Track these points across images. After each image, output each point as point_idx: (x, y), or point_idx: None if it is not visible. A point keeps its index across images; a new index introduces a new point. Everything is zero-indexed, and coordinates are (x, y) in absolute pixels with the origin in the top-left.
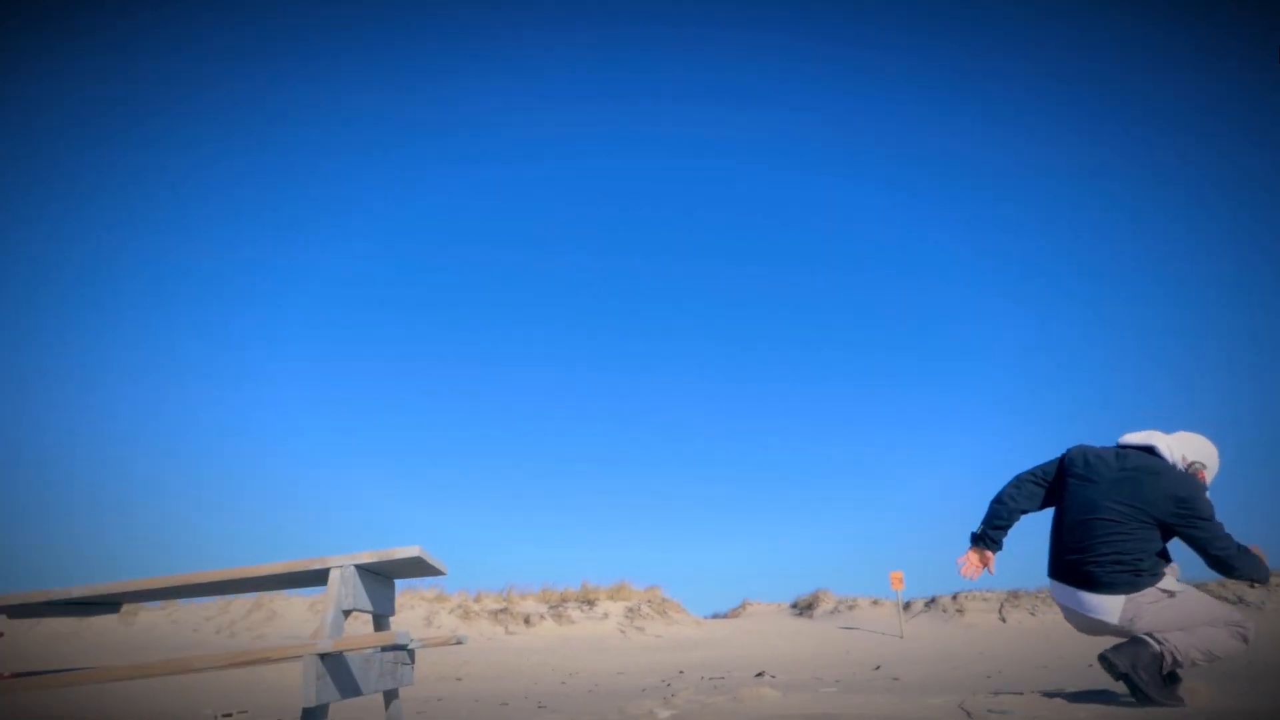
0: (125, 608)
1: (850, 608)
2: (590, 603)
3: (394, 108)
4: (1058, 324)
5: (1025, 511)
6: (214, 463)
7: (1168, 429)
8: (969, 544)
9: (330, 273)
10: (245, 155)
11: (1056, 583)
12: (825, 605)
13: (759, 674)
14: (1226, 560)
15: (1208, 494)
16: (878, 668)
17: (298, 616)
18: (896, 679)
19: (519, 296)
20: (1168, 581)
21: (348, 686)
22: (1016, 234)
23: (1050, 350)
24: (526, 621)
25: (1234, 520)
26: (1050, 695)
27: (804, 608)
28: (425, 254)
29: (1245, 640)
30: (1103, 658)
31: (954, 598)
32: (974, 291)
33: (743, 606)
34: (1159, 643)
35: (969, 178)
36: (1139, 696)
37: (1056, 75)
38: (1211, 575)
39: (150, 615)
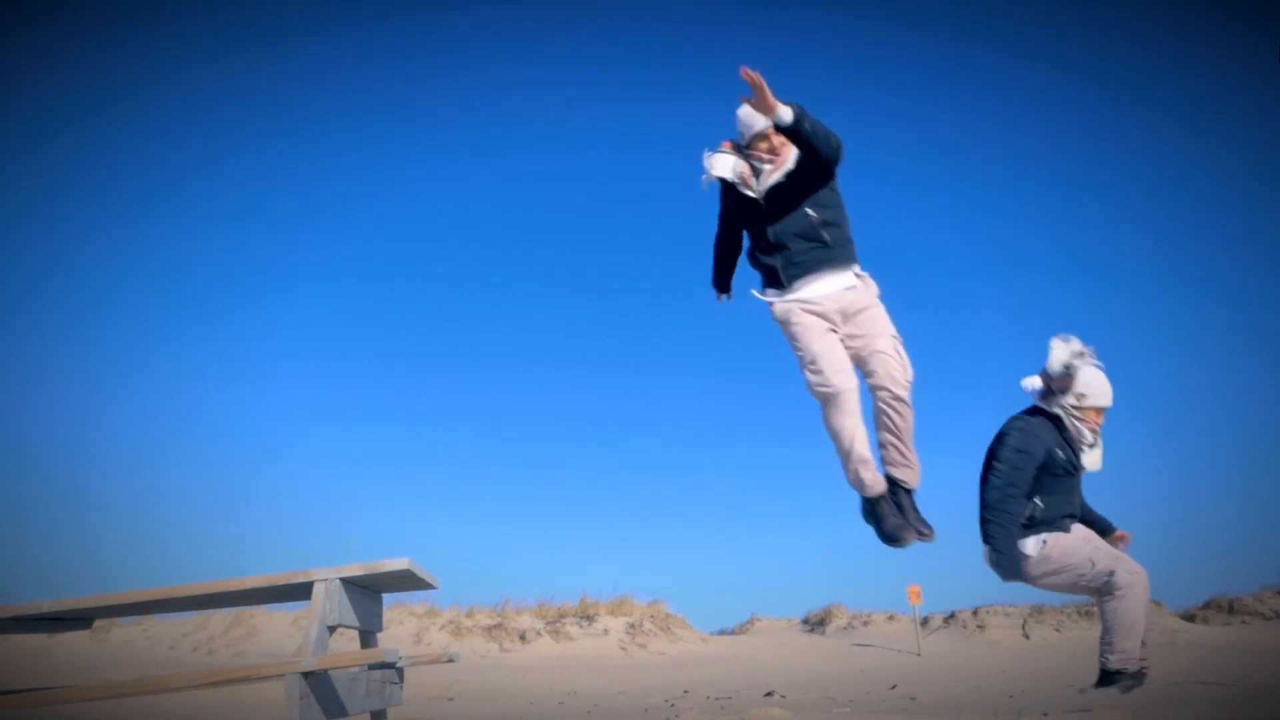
0: (97, 623)
1: (864, 623)
2: (590, 618)
3: (400, 109)
4: (1061, 327)
5: None
6: (191, 470)
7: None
8: None
9: (316, 275)
10: (245, 154)
11: None
12: (838, 621)
13: (768, 693)
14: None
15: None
16: (894, 687)
17: (280, 633)
18: (914, 699)
19: (515, 296)
20: (1033, 544)
21: (333, 707)
22: (1021, 236)
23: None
24: (522, 638)
25: (1236, 521)
26: (1076, 715)
27: (815, 623)
28: (418, 256)
29: (1129, 582)
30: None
31: (974, 613)
32: (986, 297)
33: (751, 622)
34: (1105, 660)
35: (970, 175)
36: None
37: (1056, 69)
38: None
39: (124, 631)
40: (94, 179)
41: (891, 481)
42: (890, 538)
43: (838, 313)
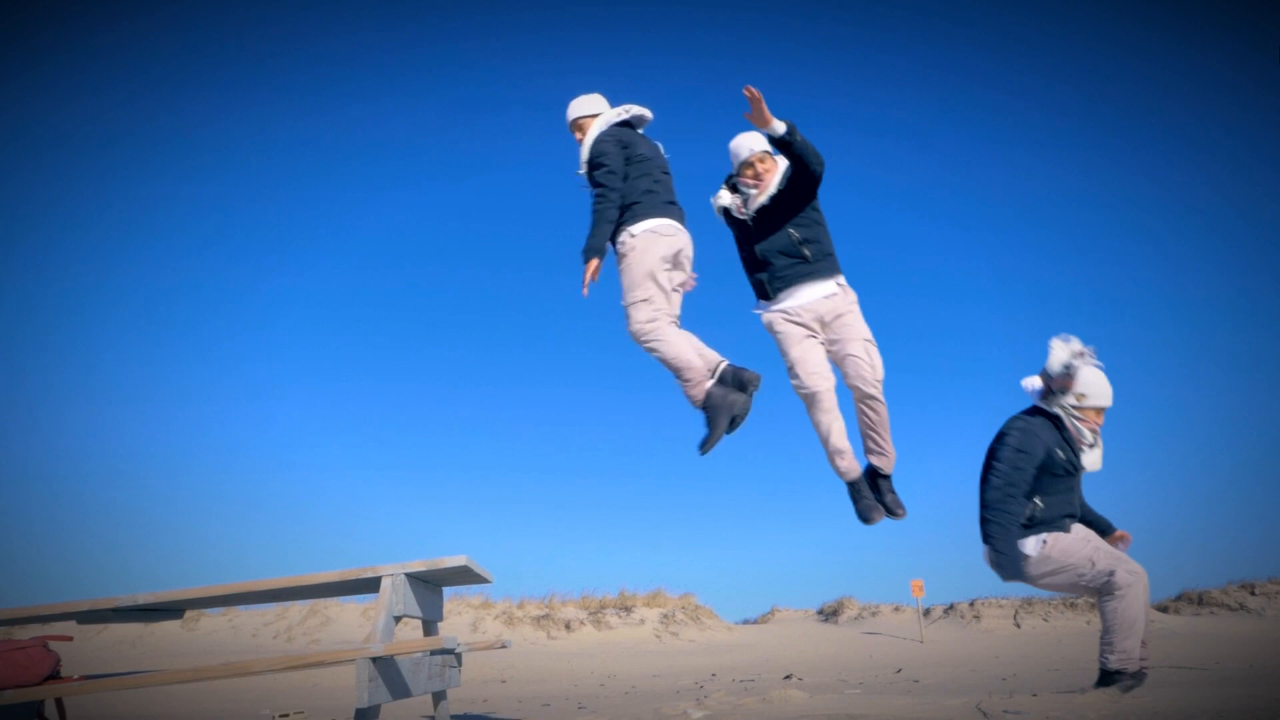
0: (187, 614)
1: (873, 614)
2: (628, 609)
3: (408, 117)
4: (1063, 329)
5: None
6: (273, 479)
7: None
8: None
9: (367, 288)
10: (252, 171)
11: None
12: (850, 612)
13: (787, 676)
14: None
15: (1036, 443)
16: (899, 671)
17: (351, 622)
18: (917, 681)
19: (556, 310)
20: (1033, 544)
21: (398, 688)
22: (1020, 236)
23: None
24: (567, 627)
25: (1207, 522)
26: (1062, 695)
27: (829, 614)
28: (460, 266)
29: (1126, 583)
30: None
31: (971, 604)
32: (987, 301)
33: (772, 613)
34: (1105, 660)
35: (971, 191)
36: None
37: (1055, 82)
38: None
39: (211, 621)
40: (91, 198)
41: (871, 467)
42: (861, 517)
43: (816, 320)
